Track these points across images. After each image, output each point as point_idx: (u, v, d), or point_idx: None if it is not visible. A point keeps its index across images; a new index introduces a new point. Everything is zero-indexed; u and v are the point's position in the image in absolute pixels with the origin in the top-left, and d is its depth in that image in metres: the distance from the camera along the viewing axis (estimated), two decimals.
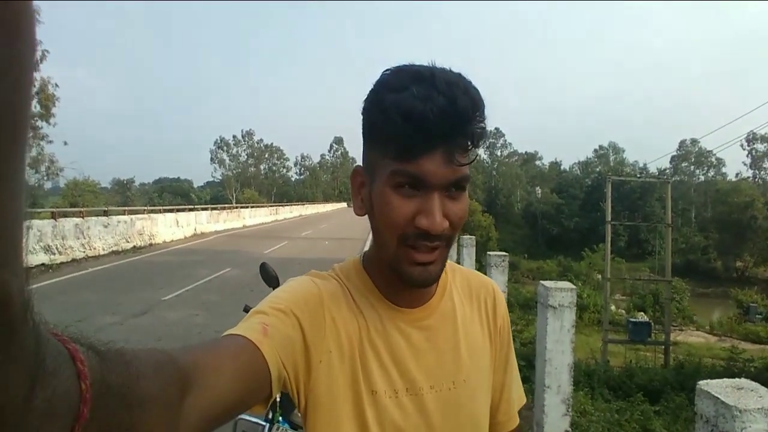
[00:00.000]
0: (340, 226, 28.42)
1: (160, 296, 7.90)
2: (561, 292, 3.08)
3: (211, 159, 75.52)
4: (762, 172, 58.64)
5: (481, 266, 12.91)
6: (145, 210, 16.81)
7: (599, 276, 25.09)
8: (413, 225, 0.58)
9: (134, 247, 14.08)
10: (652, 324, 16.73)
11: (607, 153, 65.69)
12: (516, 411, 0.78)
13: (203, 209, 21.85)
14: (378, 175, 0.60)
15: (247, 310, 2.62)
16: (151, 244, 14.98)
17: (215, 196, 75.61)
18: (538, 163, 69.67)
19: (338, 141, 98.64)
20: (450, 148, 0.56)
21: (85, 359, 0.27)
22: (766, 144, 57.74)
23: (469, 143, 0.57)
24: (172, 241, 16.43)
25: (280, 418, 2.20)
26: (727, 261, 40.18)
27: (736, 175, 59.15)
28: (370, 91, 0.60)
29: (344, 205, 78.51)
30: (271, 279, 2.61)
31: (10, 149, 0.21)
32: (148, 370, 0.34)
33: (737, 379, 1.48)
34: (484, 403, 0.71)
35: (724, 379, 1.49)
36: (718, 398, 1.36)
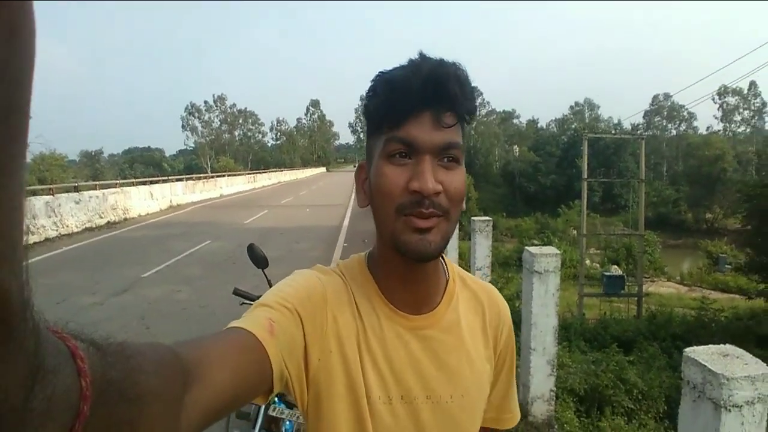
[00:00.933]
0: (320, 193, 28.18)
1: (140, 273, 7.75)
2: (546, 258, 3.13)
3: (183, 126, 72.80)
4: (732, 126, 60.19)
5: (464, 230, 13.02)
6: (117, 183, 16.27)
7: (575, 232, 25.76)
8: (408, 191, 0.58)
9: (108, 222, 13.70)
10: (626, 277, 17.41)
11: (583, 109, 65.95)
12: (504, 417, 0.77)
13: (178, 180, 21.23)
14: (375, 155, 0.62)
15: (236, 293, 2.56)
16: (125, 219, 14.59)
17: (189, 165, 73.70)
18: (515, 121, 69.58)
19: (314, 104, 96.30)
20: (437, 112, 0.58)
21: (85, 356, 0.27)
22: (737, 97, 58.93)
23: (456, 107, 0.59)
24: (148, 214, 16.03)
25: (276, 398, 2.21)
26: (698, 213, 41.56)
27: (707, 128, 60.60)
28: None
29: (323, 170, 77.66)
30: (259, 260, 2.54)
31: (9, 149, 0.21)
32: (149, 364, 0.34)
33: (723, 346, 1.52)
34: (478, 419, 0.71)
35: (710, 346, 1.54)
36: (705, 365, 1.40)
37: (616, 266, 20.72)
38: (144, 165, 63.60)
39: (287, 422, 2.21)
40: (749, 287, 12.47)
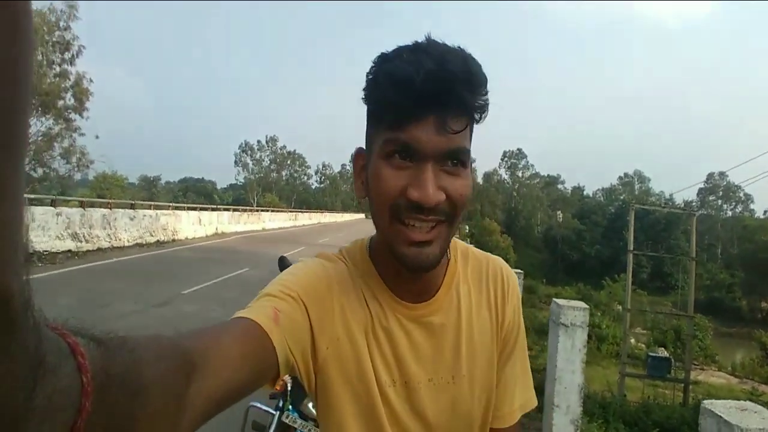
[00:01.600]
0: (357, 235, 28.16)
1: (180, 289, 8.06)
2: (573, 311, 3.08)
3: (235, 162, 77.17)
4: None
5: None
6: (170, 206, 17.25)
7: (619, 307, 24.51)
8: (405, 197, 0.55)
9: (158, 241, 14.40)
10: (672, 360, 16.23)
11: (632, 181, 64.62)
12: (513, 410, 0.73)
13: (225, 209, 22.28)
14: (374, 149, 0.59)
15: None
16: (174, 240, 15.31)
17: (237, 199, 77.01)
18: (560, 186, 68.90)
19: (360, 152, 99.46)
20: (442, 115, 0.53)
21: (85, 352, 0.27)
22: None
23: (463, 110, 0.54)
24: (194, 238, 16.76)
25: (290, 407, 2.26)
26: (753, 301, 38.74)
27: (765, 212, 57.46)
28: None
29: (362, 216, 78.91)
30: None
31: (10, 149, 0.21)
32: (151, 357, 0.34)
33: (742, 401, 1.50)
34: (485, 399, 0.69)
35: (729, 400, 1.51)
36: (720, 417, 1.39)
37: (662, 348, 19.43)
38: (196, 194, 67.17)
39: None
40: None
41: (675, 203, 49.59)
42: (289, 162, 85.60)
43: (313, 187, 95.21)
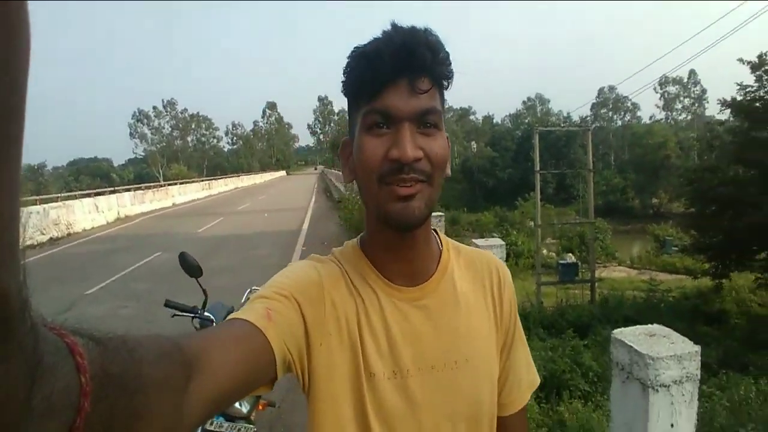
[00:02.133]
0: (280, 196, 27.67)
1: (83, 290, 7.36)
2: (492, 249, 3.16)
3: (131, 134, 70.00)
4: (674, 114, 63.81)
5: None
6: (58, 197, 15.36)
7: (532, 223, 26.53)
8: (388, 160, 0.59)
9: (51, 238, 12.95)
10: (579, 264, 18.05)
11: (535, 104, 68.26)
12: (522, 392, 0.76)
13: (126, 190, 20.35)
14: (356, 129, 0.62)
15: (168, 305, 2.39)
16: (69, 234, 13.81)
17: (140, 175, 70.77)
18: (472, 117, 71.12)
19: (271, 106, 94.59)
20: (411, 78, 0.58)
21: (84, 352, 0.27)
22: (677, 86, 62.52)
23: (430, 73, 0.59)
24: (93, 228, 15.25)
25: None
26: (644, 199, 43.66)
27: (650, 118, 64.05)
28: None
29: (283, 173, 76.32)
30: (192, 269, 2.39)
31: (7, 150, 0.21)
32: (151, 356, 0.34)
33: (650, 326, 1.53)
34: (489, 385, 0.70)
35: (637, 326, 1.54)
36: (631, 347, 1.40)
37: (570, 254, 21.45)
38: (91, 176, 60.47)
39: None
40: (695, 267, 13.17)
41: (572, 120, 53.55)
42: (193, 126, 79.26)
43: (225, 149, 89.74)
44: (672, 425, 1.36)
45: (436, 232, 0.73)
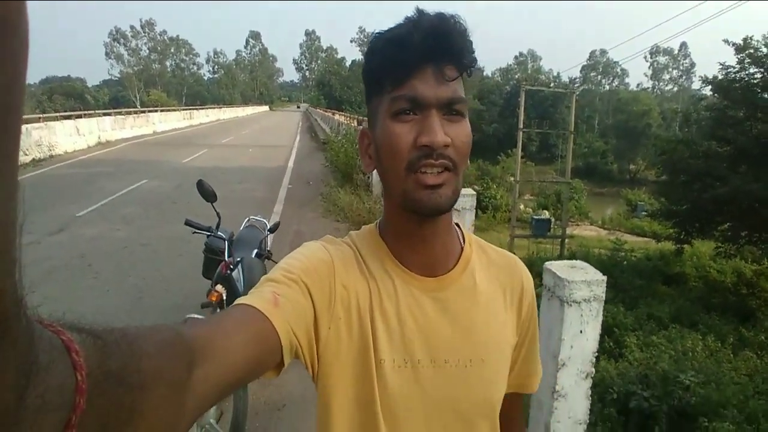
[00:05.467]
0: (264, 132, 27.34)
1: (74, 212, 7.49)
2: (463, 198, 3.55)
3: (107, 54, 66.36)
4: (661, 84, 63.99)
5: None
6: (40, 118, 14.96)
7: (512, 178, 27.17)
8: (416, 147, 0.58)
9: (33, 160, 12.73)
10: (552, 220, 18.92)
11: (526, 60, 67.24)
12: (531, 380, 0.77)
13: (106, 114, 19.77)
14: (380, 116, 0.62)
15: (187, 223, 2.79)
16: (51, 156, 13.59)
17: (115, 98, 67.86)
18: None
19: (255, 36, 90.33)
20: (439, 65, 0.58)
21: (80, 349, 0.27)
22: (667, 57, 62.25)
23: (458, 61, 0.59)
24: (75, 151, 14.99)
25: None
26: (622, 164, 44.68)
27: (638, 85, 64.27)
28: None
29: (266, 108, 74.14)
30: (208, 194, 2.77)
31: (4, 147, 0.21)
32: (152, 348, 0.34)
33: (573, 261, 2.01)
34: (502, 386, 0.69)
35: (564, 261, 2.02)
36: (555, 273, 1.87)
37: (545, 211, 22.28)
38: (64, 96, 57.44)
39: None
40: (663, 232, 13.93)
41: (562, 80, 53.14)
42: (173, 50, 75.49)
43: (206, 78, 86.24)
44: (581, 331, 1.87)
45: (459, 228, 0.72)
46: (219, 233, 2.83)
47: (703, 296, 10.12)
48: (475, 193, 3.73)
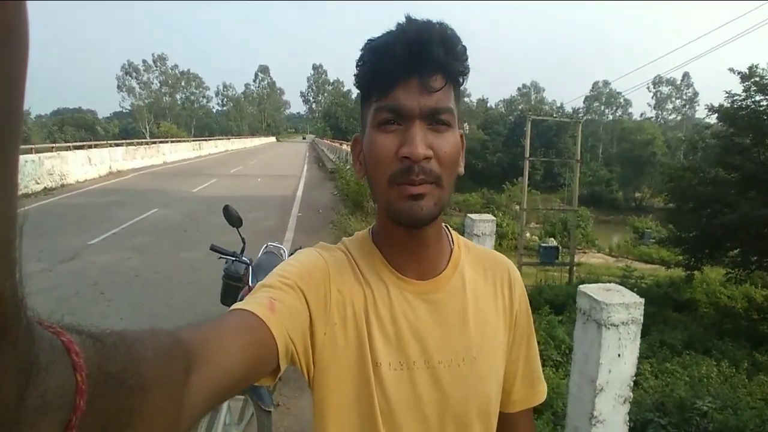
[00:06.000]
0: (271, 162, 27.66)
1: (86, 240, 7.55)
2: (483, 223, 3.56)
3: (119, 87, 68.08)
4: (664, 113, 64.80)
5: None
6: (53, 147, 15.30)
7: (517, 207, 27.15)
8: (398, 158, 0.58)
9: (45, 188, 12.95)
10: (560, 248, 18.78)
11: (529, 92, 68.56)
12: (536, 390, 0.75)
13: (117, 145, 20.20)
14: (367, 125, 0.62)
15: (213, 248, 2.79)
16: (63, 185, 13.82)
17: (125, 129, 69.31)
18: (466, 99, 70.91)
19: (263, 70, 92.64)
20: (423, 76, 0.57)
21: (80, 350, 0.27)
22: (670, 87, 63.32)
23: (443, 70, 0.58)
24: (86, 180, 15.25)
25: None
26: (627, 192, 44.68)
27: (641, 115, 65.07)
28: None
29: (273, 139, 75.31)
30: (234, 219, 2.79)
31: (4, 150, 0.21)
32: (149, 352, 0.34)
33: (609, 284, 1.98)
34: (495, 383, 0.69)
35: (599, 284, 1.98)
36: (592, 296, 1.83)
37: (552, 238, 22.17)
38: (75, 128, 58.83)
39: None
40: (671, 259, 13.84)
41: (565, 111, 53.93)
42: (183, 83, 77.37)
43: (215, 110, 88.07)
44: (619, 355, 1.82)
45: (448, 230, 0.73)
46: (244, 258, 2.82)
47: (715, 322, 9.99)
48: (495, 218, 3.72)
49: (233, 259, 2.81)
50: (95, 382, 0.27)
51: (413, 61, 0.57)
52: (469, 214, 3.71)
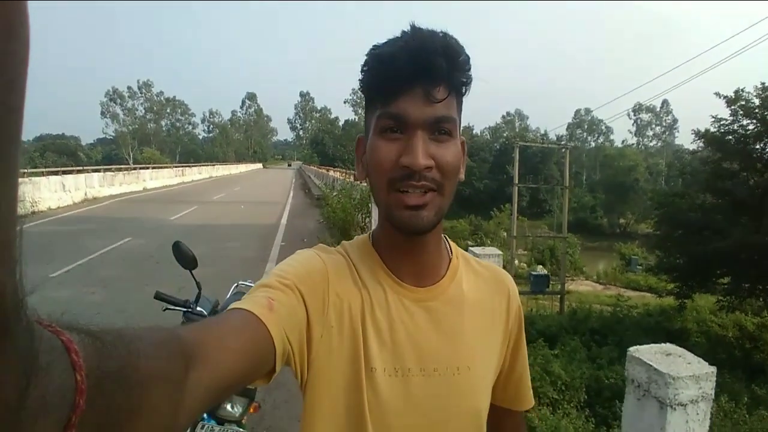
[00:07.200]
0: (256, 189, 27.18)
1: (48, 272, 6.96)
2: (490, 258, 3.19)
3: (102, 113, 67.32)
4: (645, 140, 66.39)
5: None
6: (24, 173, 14.63)
7: (505, 233, 26.96)
8: (399, 166, 0.58)
9: None
10: (550, 276, 18.47)
11: (514, 119, 69.91)
12: (529, 393, 0.78)
13: (94, 171, 19.52)
14: (371, 130, 0.62)
15: (158, 297, 2.20)
16: (33, 213, 13.13)
17: (108, 156, 68.39)
18: None
19: (251, 97, 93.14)
20: (427, 86, 0.57)
21: (80, 349, 0.27)
22: (650, 114, 65.16)
23: (446, 81, 0.58)
24: (59, 208, 14.57)
25: (205, 414, 1.99)
26: (612, 218, 45.21)
27: (622, 141, 66.64)
28: None
29: (259, 166, 74.97)
30: (187, 260, 2.18)
31: (5, 150, 0.21)
32: (149, 349, 0.33)
33: (664, 345, 1.56)
34: (486, 394, 0.69)
35: (653, 345, 1.56)
36: (650, 365, 1.41)
37: (541, 266, 21.94)
38: (57, 154, 57.65)
39: None
40: (659, 286, 13.69)
41: (549, 138, 54.96)
42: (168, 110, 77.05)
43: (201, 137, 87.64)
44: None
45: (447, 240, 0.74)
46: (198, 308, 2.24)
47: (708, 352, 9.76)
48: (501, 253, 3.36)
49: (185, 309, 2.23)
50: (95, 380, 0.27)
51: (417, 72, 0.57)
52: (472, 247, 3.36)
